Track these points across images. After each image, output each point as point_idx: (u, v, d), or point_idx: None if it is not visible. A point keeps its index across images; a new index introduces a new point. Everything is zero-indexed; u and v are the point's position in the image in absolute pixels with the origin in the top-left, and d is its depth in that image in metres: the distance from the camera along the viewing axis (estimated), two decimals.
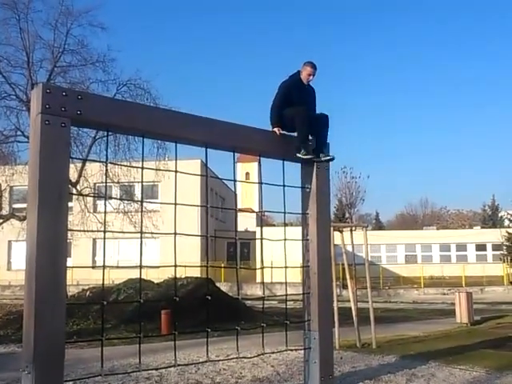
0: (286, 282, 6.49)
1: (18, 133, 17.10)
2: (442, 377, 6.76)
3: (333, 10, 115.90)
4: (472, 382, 6.53)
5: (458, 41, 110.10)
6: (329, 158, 6.29)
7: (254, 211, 46.70)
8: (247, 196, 65.83)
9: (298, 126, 6.11)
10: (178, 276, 13.46)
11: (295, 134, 6.25)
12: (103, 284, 5.28)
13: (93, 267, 27.84)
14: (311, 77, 6.31)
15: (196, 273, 19.40)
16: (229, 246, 38.74)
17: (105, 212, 5.44)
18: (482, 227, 52.71)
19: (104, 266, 5.02)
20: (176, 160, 5.65)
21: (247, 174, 70.92)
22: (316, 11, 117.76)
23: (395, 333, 11.38)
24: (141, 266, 5.41)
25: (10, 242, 34.07)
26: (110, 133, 5.86)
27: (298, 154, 6.11)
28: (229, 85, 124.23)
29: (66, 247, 4.59)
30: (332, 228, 8.67)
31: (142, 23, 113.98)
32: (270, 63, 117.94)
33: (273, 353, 7.36)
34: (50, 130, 4.46)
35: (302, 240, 6.51)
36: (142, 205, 6.95)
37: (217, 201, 39.19)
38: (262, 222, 28.41)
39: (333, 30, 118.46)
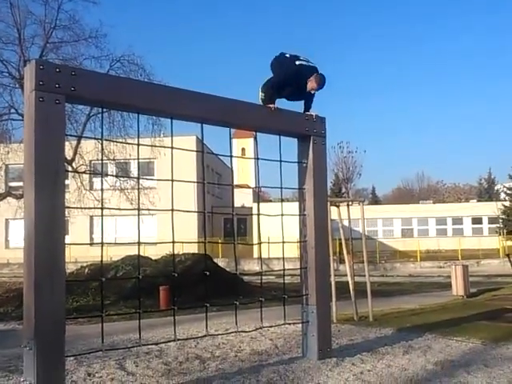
0: (283, 257, 6.52)
1: (12, 111, 16.98)
2: (438, 348, 6.85)
3: None
4: (468, 353, 6.62)
5: (456, 13, 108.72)
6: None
7: (250, 187, 46.72)
8: (243, 172, 65.71)
9: (274, 73, 6.22)
10: (175, 252, 13.51)
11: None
12: (101, 261, 5.30)
13: (91, 244, 27.92)
14: (313, 91, 6.25)
15: (193, 249, 19.49)
16: (226, 222, 38.86)
17: (101, 189, 5.43)
18: (478, 200, 52.90)
19: (102, 243, 5.03)
20: (172, 136, 5.62)
21: (243, 149, 70.68)
22: None
23: (392, 306, 11.51)
24: (139, 243, 5.42)
25: (7, 220, 34.10)
26: (104, 110, 5.80)
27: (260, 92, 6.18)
28: (225, 60, 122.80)
29: (64, 224, 4.59)
30: (329, 203, 8.69)
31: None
32: (266, 39, 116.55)
33: (271, 326, 7.45)
34: (45, 107, 4.41)
35: (299, 215, 6.53)
36: (138, 182, 6.92)
37: (213, 177, 39.15)
38: (259, 197, 28.32)
39: (330, 6, 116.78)
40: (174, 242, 5.50)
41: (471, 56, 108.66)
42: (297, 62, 6.20)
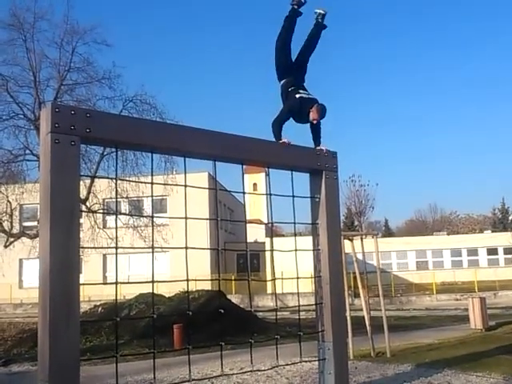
0: (298, 293, 6.47)
1: (27, 151, 17.30)
2: None
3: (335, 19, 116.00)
4: None
5: (466, 38, 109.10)
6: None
7: (262, 222, 46.67)
8: (255, 207, 65.74)
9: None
10: (189, 289, 13.44)
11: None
12: (116, 301, 5.30)
13: (104, 284, 27.89)
14: (315, 121, 6.34)
15: (207, 285, 19.40)
16: (239, 258, 38.72)
17: (116, 228, 5.46)
18: (493, 231, 52.35)
19: (116, 283, 5.02)
20: (185, 174, 5.67)
21: (255, 184, 70.87)
22: None
23: (409, 341, 11.30)
24: (153, 282, 5.42)
25: (21, 260, 34.22)
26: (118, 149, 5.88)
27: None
28: (236, 95, 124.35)
29: (79, 264, 4.61)
30: (342, 237, 8.66)
31: (144, 38, 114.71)
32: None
33: (287, 365, 7.34)
34: (60, 149, 4.49)
35: (313, 250, 6.50)
36: (152, 220, 6.95)
37: (225, 213, 39.24)
38: (272, 234, 28.45)
39: (335, 36, 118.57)
40: (188, 280, 5.49)
41: (483, 84, 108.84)
42: (297, 96, 6.34)
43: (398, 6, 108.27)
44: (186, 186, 5.50)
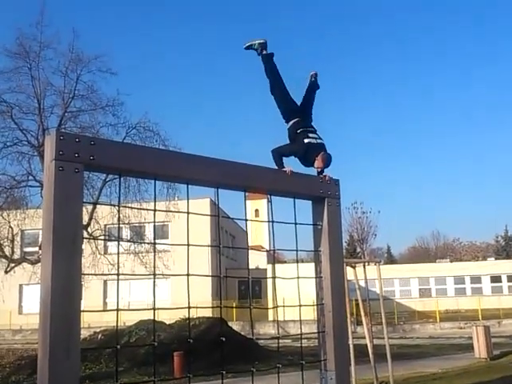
0: (300, 321, 6.41)
1: (30, 177, 17.39)
2: None
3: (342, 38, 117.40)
4: None
5: (470, 64, 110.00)
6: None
7: (264, 249, 46.54)
8: (257, 233, 65.70)
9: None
10: (190, 316, 13.35)
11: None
12: (117, 328, 5.25)
13: (105, 311, 27.64)
14: (319, 169, 6.35)
15: (207, 312, 19.26)
16: (240, 284, 38.48)
17: (118, 255, 5.44)
18: (496, 258, 52.08)
19: (118, 310, 4.99)
20: (188, 201, 5.68)
21: (256, 211, 70.90)
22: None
23: (413, 370, 11.16)
24: (154, 309, 5.37)
25: (21, 285, 34.05)
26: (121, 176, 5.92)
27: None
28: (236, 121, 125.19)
29: (81, 291, 4.59)
30: (345, 264, 8.61)
31: (149, 62, 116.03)
32: None
33: None
34: (64, 176, 4.52)
35: (316, 278, 6.47)
36: (154, 247, 6.93)
37: (227, 239, 39.16)
38: (274, 261, 28.35)
39: (338, 63, 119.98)
40: (189, 308, 5.44)
41: (485, 109, 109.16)
42: (305, 140, 6.23)
43: (399, 28, 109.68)
44: (188, 212, 5.51)
